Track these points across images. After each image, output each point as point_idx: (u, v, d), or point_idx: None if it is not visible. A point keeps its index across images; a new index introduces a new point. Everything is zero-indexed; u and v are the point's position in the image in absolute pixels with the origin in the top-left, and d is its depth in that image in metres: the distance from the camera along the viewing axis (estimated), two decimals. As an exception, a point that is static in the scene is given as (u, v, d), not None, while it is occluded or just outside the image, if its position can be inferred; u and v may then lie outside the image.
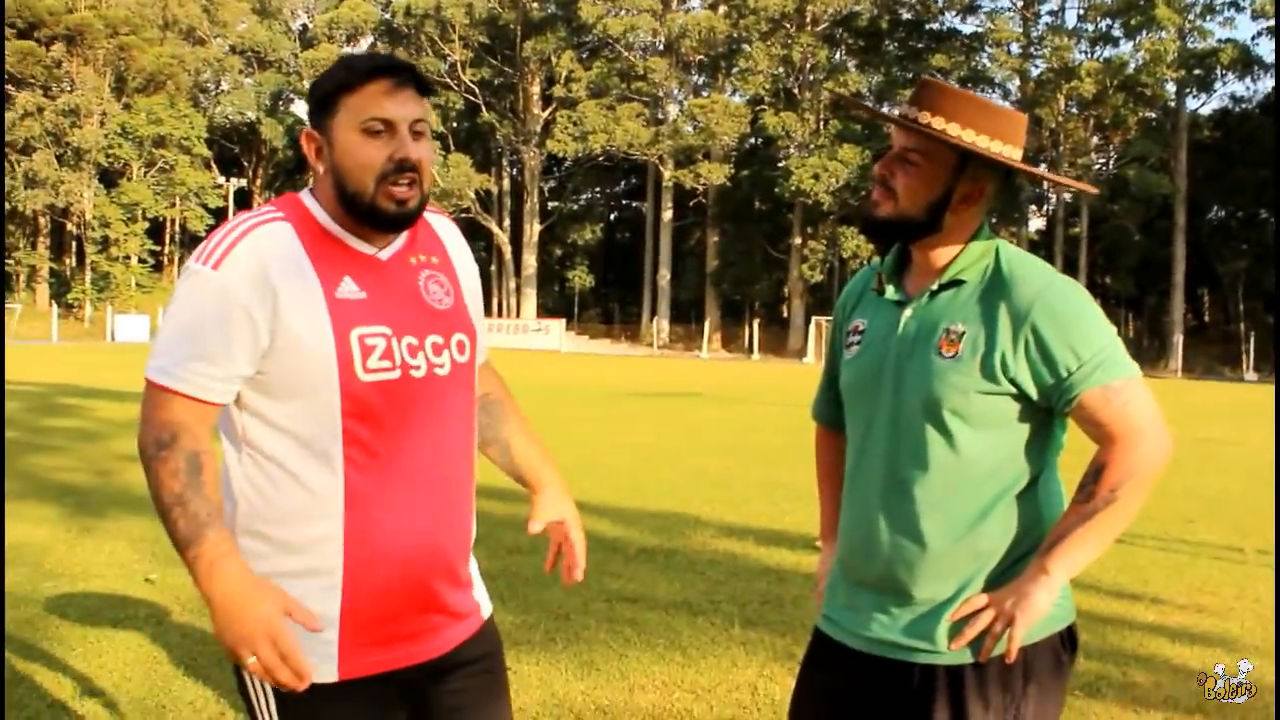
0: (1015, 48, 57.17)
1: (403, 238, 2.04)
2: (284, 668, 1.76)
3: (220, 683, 4.48)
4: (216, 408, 1.91)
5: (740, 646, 5.17)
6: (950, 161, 2.02)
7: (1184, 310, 56.77)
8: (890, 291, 2.15)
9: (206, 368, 1.87)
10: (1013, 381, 1.99)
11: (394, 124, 1.91)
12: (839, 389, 2.29)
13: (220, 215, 63.08)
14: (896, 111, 2.09)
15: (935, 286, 2.08)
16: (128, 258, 60.10)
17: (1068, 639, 2.11)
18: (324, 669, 1.92)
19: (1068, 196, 57.47)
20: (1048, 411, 2.04)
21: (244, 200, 68.95)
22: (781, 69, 58.21)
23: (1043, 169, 2.11)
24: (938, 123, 2.01)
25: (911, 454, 2.06)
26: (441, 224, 2.15)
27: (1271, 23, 52.69)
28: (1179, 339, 54.69)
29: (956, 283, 2.06)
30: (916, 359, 2.06)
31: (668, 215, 62.25)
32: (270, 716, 1.96)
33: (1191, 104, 56.98)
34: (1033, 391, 2.00)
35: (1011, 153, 2.04)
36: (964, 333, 2.01)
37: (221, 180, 63.62)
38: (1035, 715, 2.04)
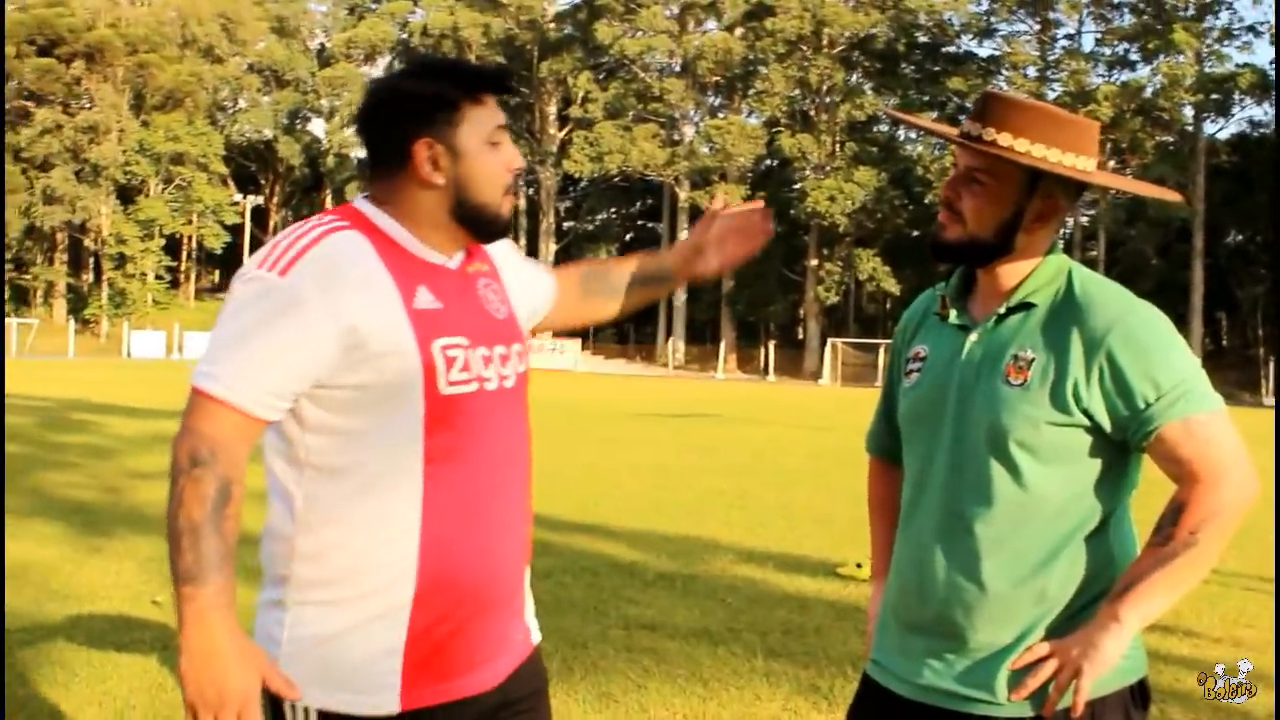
0: (1032, 71, 57.14)
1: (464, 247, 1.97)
2: None
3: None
4: (263, 425, 1.76)
5: (763, 678, 5.01)
6: (1020, 179, 1.89)
7: (1202, 334, 56.45)
8: (954, 315, 2.01)
9: (261, 380, 1.72)
10: (1085, 413, 1.84)
11: (505, 132, 1.90)
12: (895, 420, 2.15)
13: (237, 232, 63.36)
14: (959, 130, 1.95)
15: (1003, 310, 1.94)
16: (144, 274, 60.33)
17: (1139, 693, 1.94)
18: (386, 699, 1.81)
19: (1084, 220, 57.27)
20: (1122, 446, 1.88)
21: (260, 218, 69.20)
22: (798, 90, 58.25)
23: (1123, 176, 1.96)
24: (1004, 139, 1.86)
25: (974, 488, 1.91)
26: None
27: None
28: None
29: (1026, 305, 1.92)
30: (982, 387, 1.91)
31: (683, 236, 62.17)
32: None
33: (1209, 128, 56.83)
34: (1107, 424, 1.85)
35: (1085, 164, 1.89)
36: (1033, 359, 1.87)
37: (238, 197, 63.88)
38: None
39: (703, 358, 61.20)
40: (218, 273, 74.58)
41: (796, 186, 58.69)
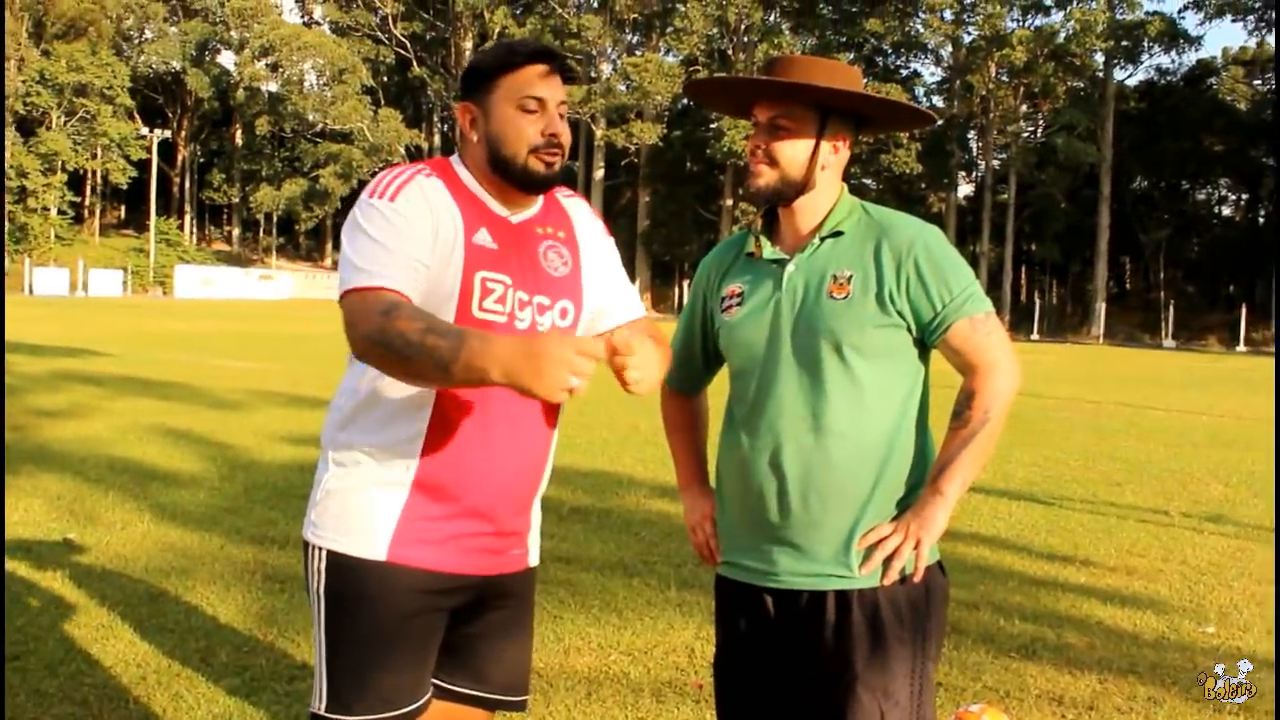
0: (949, 14, 57.42)
1: (535, 208, 2.27)
2: (588, 358, 1.78)
3: (140, 644, 4.35)
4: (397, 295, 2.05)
5: (676, 609, 5.12)
6: (813, 120, 2.27)
7: (1106, 278, 57.65)
8: (769, 251, 2.34)
9: (404, 265, 2.04)
10: (899, 313, 2.21)
11: (545, 103, 2.17)
12: (695, 356, 2.53)
13: (144, 167, 61.76)
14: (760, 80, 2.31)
15: (818, 241, 2.29)
16: (46, 209, 58.67)
17: (942, 567, 2.34)
18: (377, 548, 2.15)
19: (996, 164, 57.99)
20: (923, 345, 2.27)
21: (168, 152, 67.52)
22: (716, 29, 58.00)
23: (913, 105, 2.30)
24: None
25: (817, 390, 2.23)
26: (573, 204, 2.38)
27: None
28: (1101, 306, 55.58)
29: (836, 234, 2.29)
30: (808, 305, 2.25)
31: (599, 174, 61.95)
32: (320, 591, 2.18)
33: (1119, 75, 57.73)
34: (913, 322, 2.23)
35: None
36: (851, 275, 2.24)
37: (145, 131, 62.23)
38: (935, 632, 2.26)
39: (619, 298, 61.17)
40: (123, 208, 72.61)
41: (713, 126, 58.60)
